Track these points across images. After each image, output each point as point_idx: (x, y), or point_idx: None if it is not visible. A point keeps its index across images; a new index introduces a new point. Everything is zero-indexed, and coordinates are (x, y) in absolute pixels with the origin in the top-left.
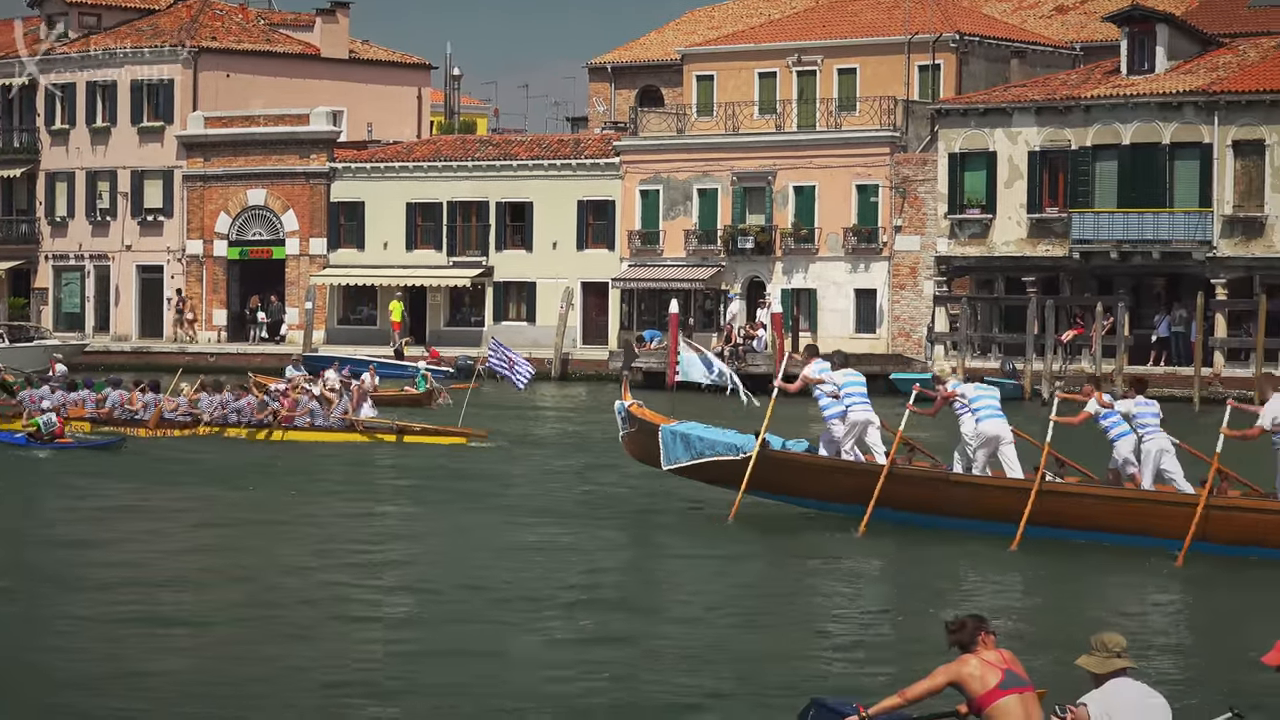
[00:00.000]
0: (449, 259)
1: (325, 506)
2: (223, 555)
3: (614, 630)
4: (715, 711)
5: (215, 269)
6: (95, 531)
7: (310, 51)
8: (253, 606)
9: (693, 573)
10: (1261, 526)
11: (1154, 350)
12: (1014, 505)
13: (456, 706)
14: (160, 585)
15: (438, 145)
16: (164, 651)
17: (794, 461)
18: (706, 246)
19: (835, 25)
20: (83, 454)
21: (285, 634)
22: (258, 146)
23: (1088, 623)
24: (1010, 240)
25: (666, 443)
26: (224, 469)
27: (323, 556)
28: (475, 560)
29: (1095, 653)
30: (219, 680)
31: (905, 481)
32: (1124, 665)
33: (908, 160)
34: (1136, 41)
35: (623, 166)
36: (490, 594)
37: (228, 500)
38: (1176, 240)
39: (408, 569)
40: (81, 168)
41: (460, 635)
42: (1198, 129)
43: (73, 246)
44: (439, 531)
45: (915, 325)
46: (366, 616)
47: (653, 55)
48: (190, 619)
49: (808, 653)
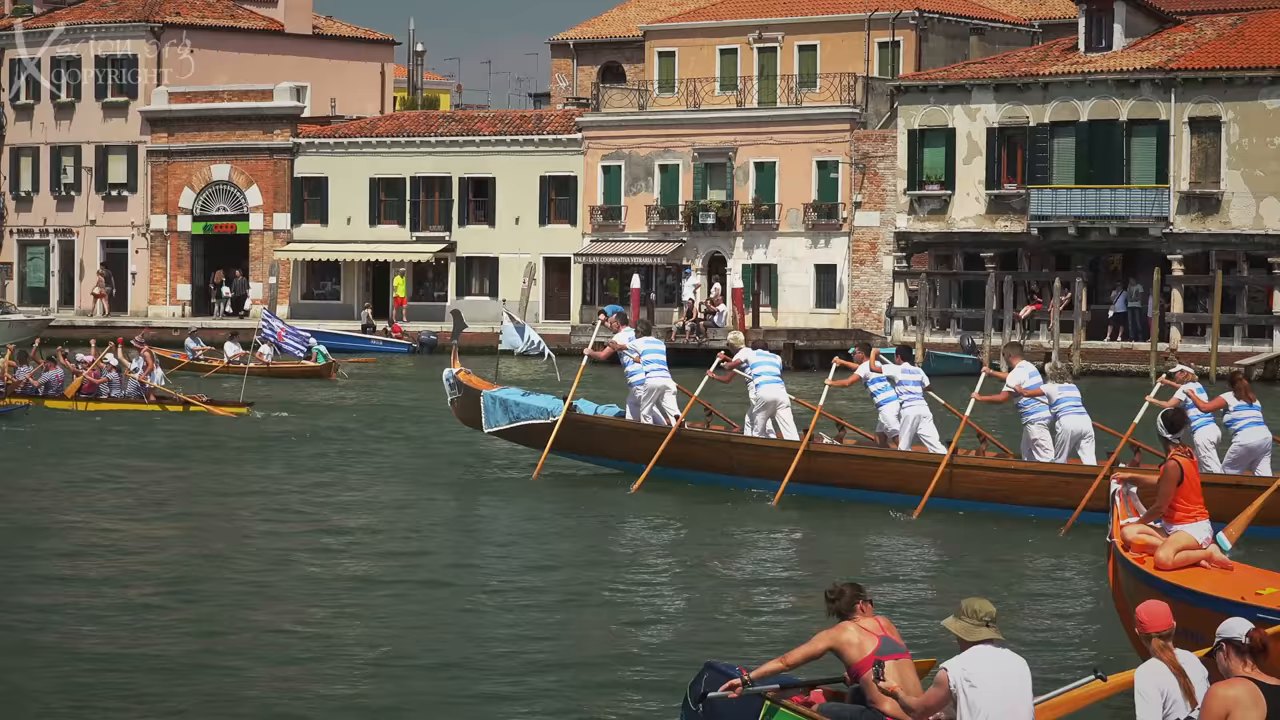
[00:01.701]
0: (412, 234)
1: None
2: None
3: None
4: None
5: (179, 244)
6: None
7: (274, 27)
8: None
9: (489, 532)
10: (999, 484)
11: (1111, 325)
12: (787, 465)
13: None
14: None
15: (401, 121)
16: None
17: (596, 424)
18: (668, 222)
19: (796, 2)
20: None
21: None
22: (222, 122)
23: (819, 569)
24: (969, 216)
25: (488, 407)
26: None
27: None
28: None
29: (964, 618)
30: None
31: (694, 443)
32: (990, 636)
33: (867, 137)
34: (1094, 19)
35: (585, 142)
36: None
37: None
38: (1134, 216)
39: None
40: (46, 143)
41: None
42: (1155, 106)
43: (37, 221)
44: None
45: (875, 300)
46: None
47: (615, 32)
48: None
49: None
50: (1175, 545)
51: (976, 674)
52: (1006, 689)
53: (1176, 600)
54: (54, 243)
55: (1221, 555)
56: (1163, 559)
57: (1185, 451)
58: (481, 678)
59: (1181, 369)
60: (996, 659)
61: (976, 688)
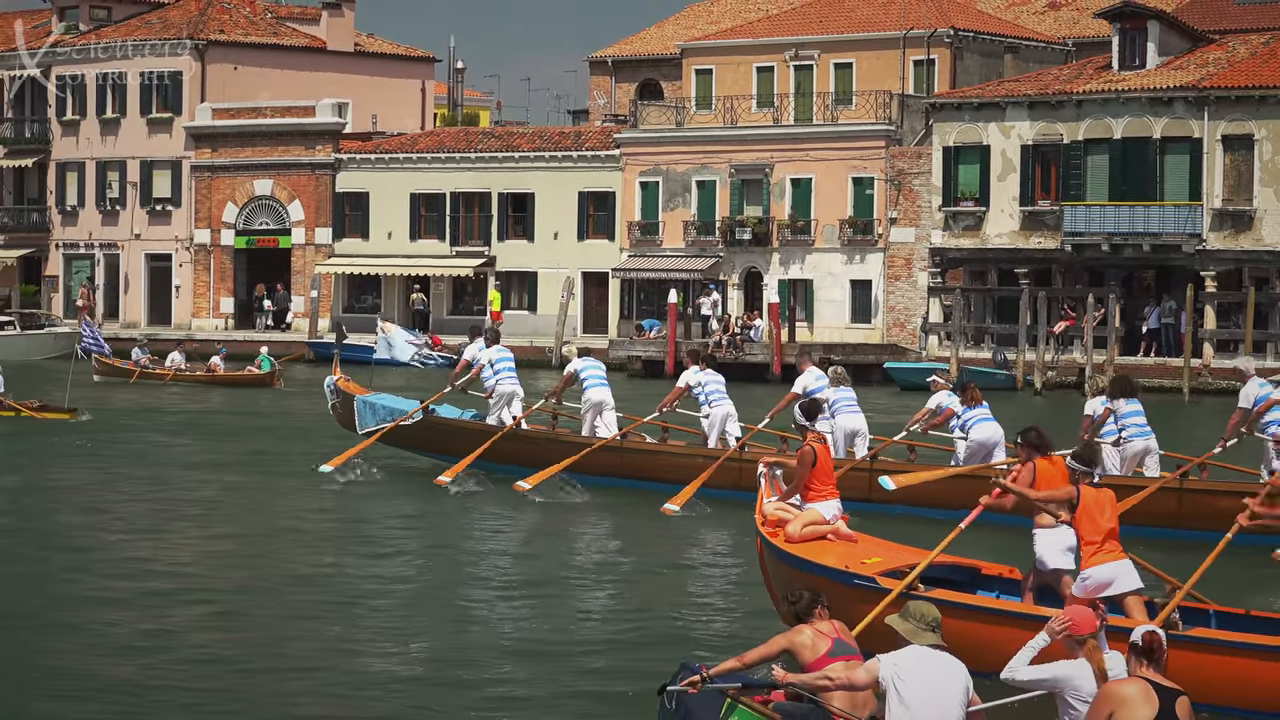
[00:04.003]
0: (452, 249)
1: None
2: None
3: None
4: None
5: (222, 258)
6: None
7: (316, 45)
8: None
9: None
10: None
11: (1144, 341)
12: (601, 461)
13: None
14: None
15: (441, 137)
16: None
17: (441, 425)
18: (705, 237)
19: (832, 20)
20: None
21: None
22: (264, 138)
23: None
24: (1003, 233)
25: (360, 411)
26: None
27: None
28: None
29: (909, 620)
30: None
31: (526, 441)
32: (934, 641)
33: (903, 154)
34: (1128, 38)
35: (623, 158)
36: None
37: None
38: (1167, 233)
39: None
40: (91, 158)
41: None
42: (1188, 124)
43: (83, 235)
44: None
45: (910, 316)
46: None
47: (652, 49)
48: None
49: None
50: (803, 520)
51: (907, 671)
52: (935, 693)
53: (793, 568)
54: (99, 256)
55: (848, 530)
56: (791, 532)
57: (819, 438)
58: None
59: (934, 379)
60: (932, 661)
61: (905, 683)
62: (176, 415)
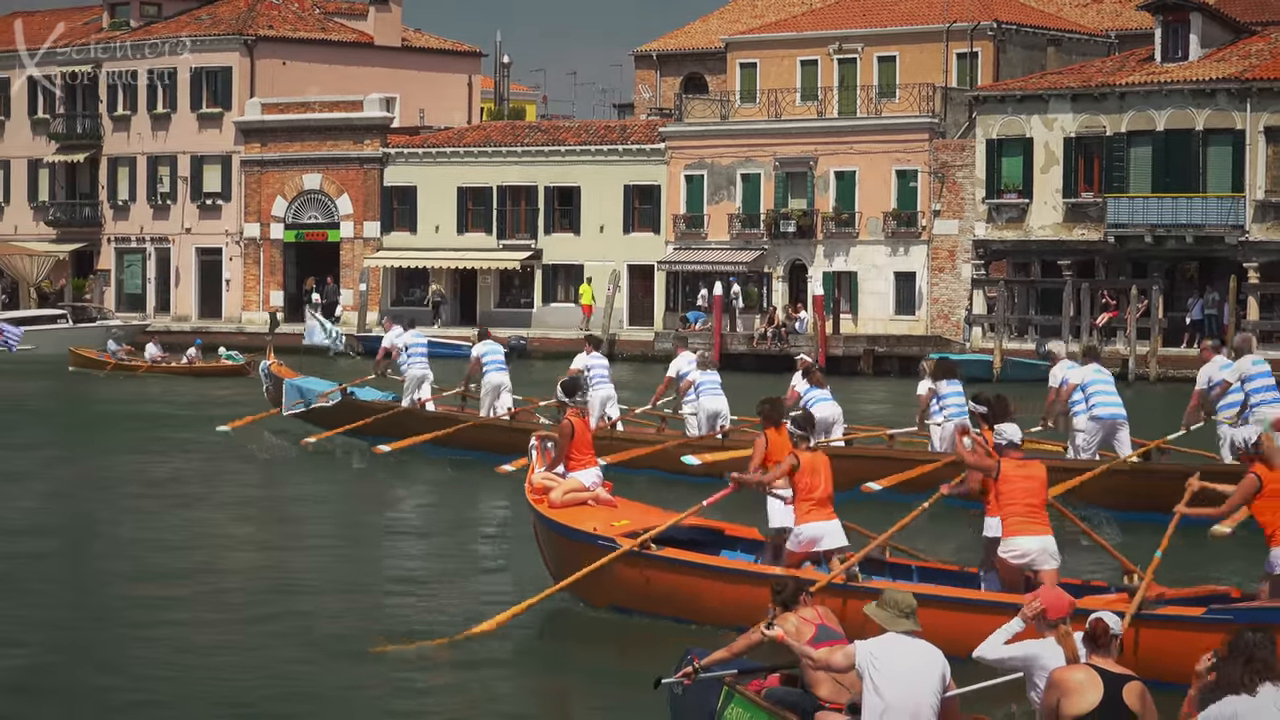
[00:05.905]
0: (499, 242)
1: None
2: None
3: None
4: None
5: (272, 251)
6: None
7: (364, 40)
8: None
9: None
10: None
11: (1187, 333)
12: (480, 438)
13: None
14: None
15: (488, 131)
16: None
17: (353, 406)
18: (750, 230)
19: (875, 14)
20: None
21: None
22: (313, 132)
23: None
24: (1046, 225)
25: (288, 393)
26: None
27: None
28: None
29: (886, 608)
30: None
31: (417, 418)
32: (910, 629)
33: (946, 146)
34: (1170, 29)
35: (668, 152)
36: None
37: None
38: (1209, 225)
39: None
40: (143, 153)
41: None
42: (1230, 116)
43: (134, 229)
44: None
45: (954, 308)
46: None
47: (697, 43)
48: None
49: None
50: (565, 488)
51: (882, 657)
52: (911, 681)
53: (552, 531)
54: (150, 250)
55: (608, 496)
56: (553, 499)
57: (577, 412)
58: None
59: (801, 357)
60: (908, 648)
61: (880, 671)
62: (111, 405)
